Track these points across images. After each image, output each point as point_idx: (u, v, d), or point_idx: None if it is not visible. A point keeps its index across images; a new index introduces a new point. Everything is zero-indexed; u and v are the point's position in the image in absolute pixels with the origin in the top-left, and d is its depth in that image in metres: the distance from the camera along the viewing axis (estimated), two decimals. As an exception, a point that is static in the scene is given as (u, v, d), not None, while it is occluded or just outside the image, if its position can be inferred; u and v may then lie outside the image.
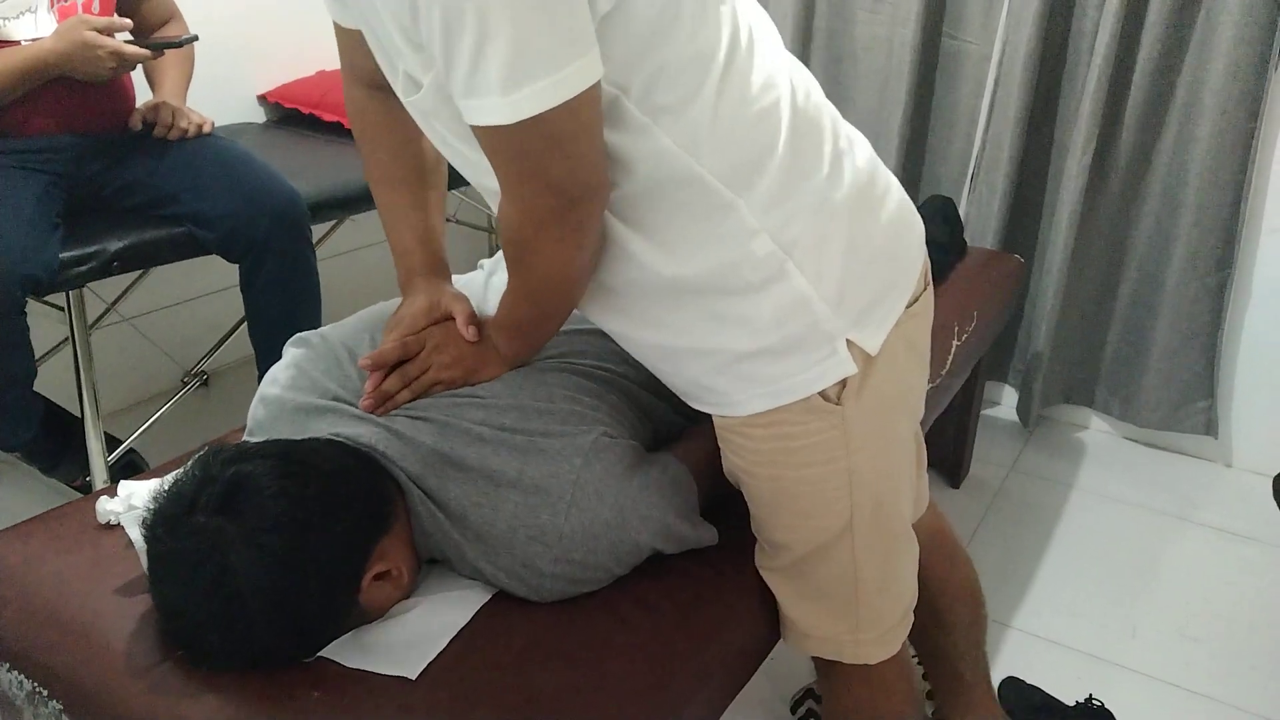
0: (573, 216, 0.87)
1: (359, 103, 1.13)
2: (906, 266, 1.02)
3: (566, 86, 0.77)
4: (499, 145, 0.83)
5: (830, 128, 0.96)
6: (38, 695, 0.97)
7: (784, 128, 0.90)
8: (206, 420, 2.40)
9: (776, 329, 0.94)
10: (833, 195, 0.93)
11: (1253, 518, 2.20)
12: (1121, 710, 1.63)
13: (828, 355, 0.95)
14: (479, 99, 0.78)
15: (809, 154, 0.92)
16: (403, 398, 1.06)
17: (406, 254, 1.15)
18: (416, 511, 1.01)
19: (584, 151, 0.83)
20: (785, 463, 1.01)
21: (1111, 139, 2.25)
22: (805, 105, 0.93)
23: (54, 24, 1.73)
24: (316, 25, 2.71)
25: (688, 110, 0.85)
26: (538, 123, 0.78)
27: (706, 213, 0.90)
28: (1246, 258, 2.25)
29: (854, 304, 0.95)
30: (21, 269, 1.59)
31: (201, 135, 1.92)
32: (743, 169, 0.89)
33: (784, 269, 0.92)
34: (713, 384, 1.00)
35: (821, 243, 0.93)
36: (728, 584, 1.10)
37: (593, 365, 1.12)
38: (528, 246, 0.91)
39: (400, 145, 1.13)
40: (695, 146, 0.87)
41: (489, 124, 0.79)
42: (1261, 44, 2.04)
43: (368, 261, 2.90)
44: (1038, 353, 2.42)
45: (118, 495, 1.14)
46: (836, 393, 0.97)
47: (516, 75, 0.75)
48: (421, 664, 0.93)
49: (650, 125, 0.85)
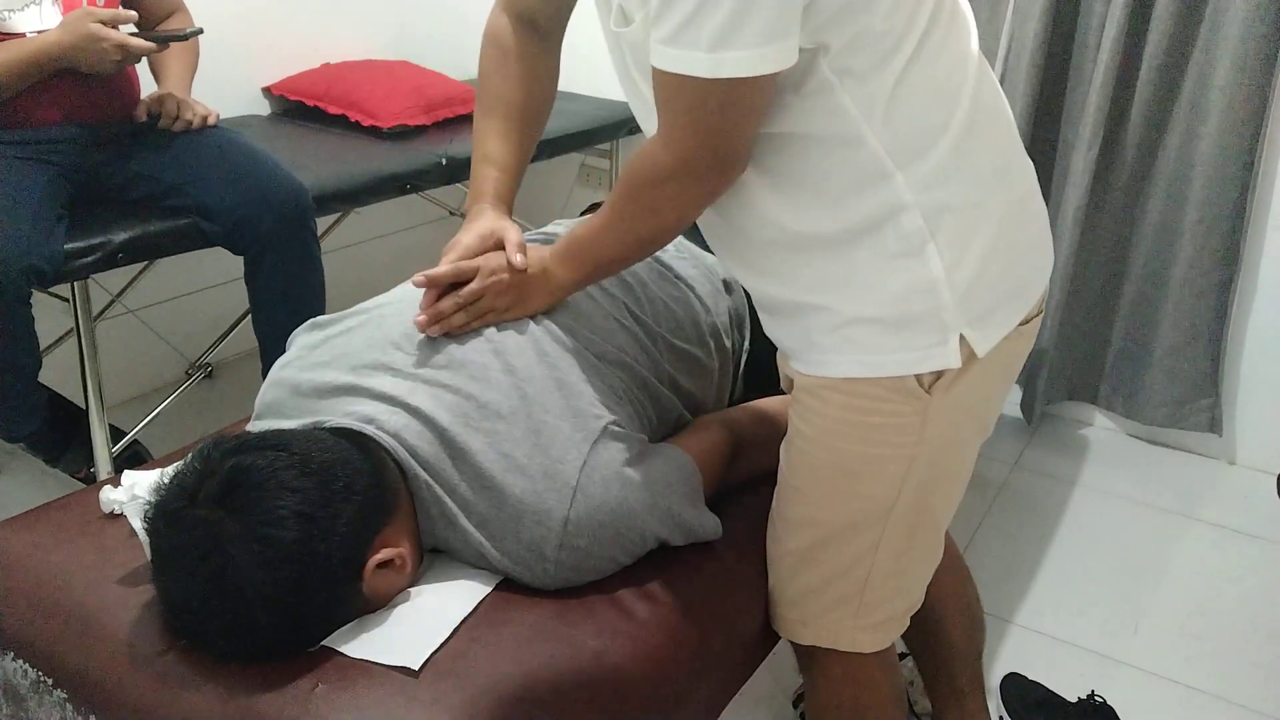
0: (713, 179, 0.94)
1: (500, 29, 1.18)
2: (1033, 286, 1.05)
3: (766, 62, 0.83)
4: (683, 95, 0.88)
5: (1006, 132, 1.00)
6: (42, 684, 0.97)
7: (960, 115, 0.93)
8: (211, 412, 2.41)
9: (899, 302, 0.96)
10: (993, 195, 0.97)
11: (1256, 515, 2.20)
12: (1123, 707, 1.63)
13: (938, 343, 0.97)
14: (684, 50, 0.84)
15: (979, 148, 0.95)
16: (457, 320, 1.07)
17: (482, 179, 1.19)
18: (421, 496, 1.01)
19: (750, 124, 0.90)
20: (855, 437, 1.02)
21: (1117, 135, 2.25)
22: (988, 102, 0.97)
23: (59, 16, 1.74)
24: (321, 18, 2.72)
25: (875, 76, 0.89)
26: (729, 85, 0.84)
27: (860, 179, 0.93)
28: (1251, 255, 2.24)
29: (978, 303, 0.97)
30: (26, 260, 1.59)
31: (206, 127, 1.92)
32: (910, 143, 0.92)
33: (925, 249, 0.94)
34: (817, 340, 1.01)
35: (968, 235, 0.95)
36: (732, 577, 1.11)
37: (606, 353, 1.12)
38: (660, 191, 0.96)
39: (519, 78, 1.17)
40: (871, 112, 0.90)
41: (686, 73, 0.85)
42: (1268, 41, 2.03)
43: (372, 254, 2.91)
44: (1042, 349, 2.42)
45: (121, 485, 1.14)
46: (930, 382, 0.98)
47: (728, 38, 0.81)
48: (424, 654, 0.93)
49: (836, 84, 0.89)
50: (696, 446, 1.13)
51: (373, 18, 2.85)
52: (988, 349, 0.99)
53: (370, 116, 2.48)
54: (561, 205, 3.22)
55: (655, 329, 1.19)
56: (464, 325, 1.08)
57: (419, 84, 2.59)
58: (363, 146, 2.39)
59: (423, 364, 1.05)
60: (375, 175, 2.22)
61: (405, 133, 2.48)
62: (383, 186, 2.23)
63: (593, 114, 2.75)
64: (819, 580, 1.10)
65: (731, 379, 1.32)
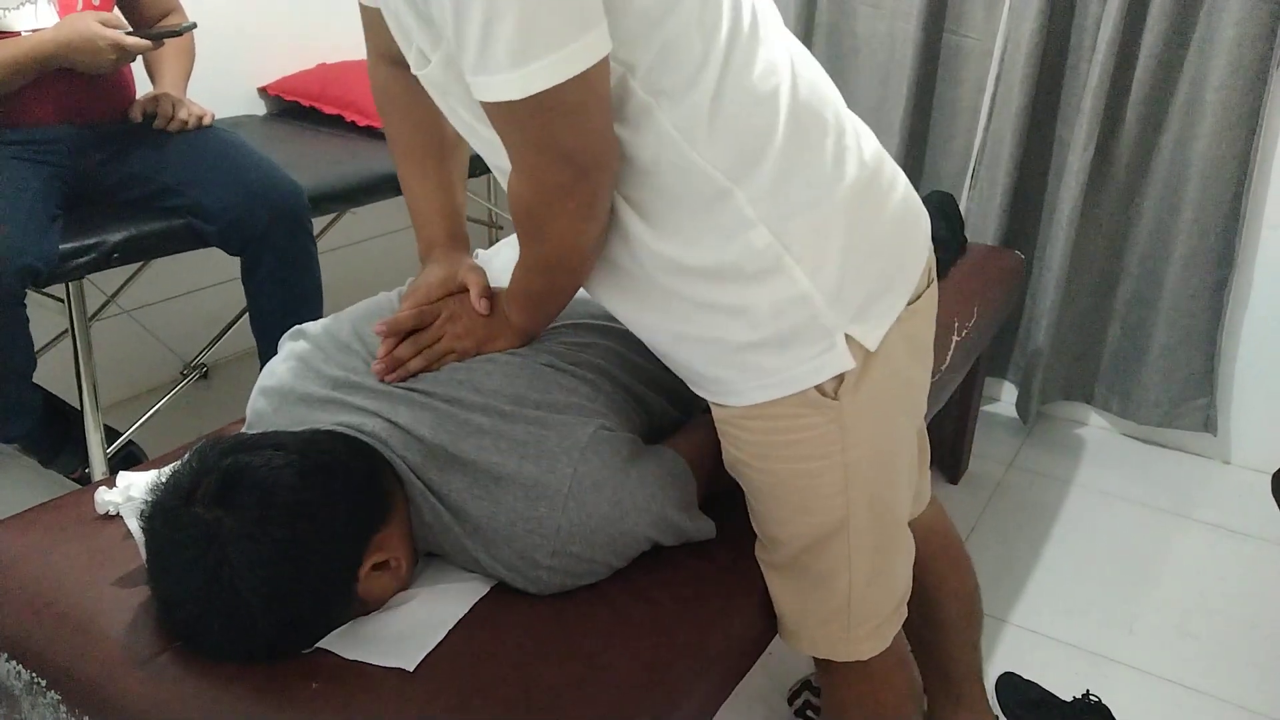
0: (584, 188, 0.88)
1: (382, 79, 1.15)
2: (909, 263, 1.01)
3: (576, 61, 0.78)
4: (510, 121, 0.84)
5: (834, 120, 0.96)
6: (36, 685, 0.97)
7: (783, 117, 0.90)
8: (206, 413, 2.40)
9: (774, 321, 0.94)
10: (834, 189, 0.93)
11: (1251, 514, 2.20)
12: (1118, 706, 1.63)
13: (825, 349, 0.95)
14: (489, 75, 0.79)
15: (810, 145, 0.92)
16: (415, 365, 1.07)
17: (427, 226, 1.18)
18: (415, 503, 1.01)
19: (595, 123, 0.84)
20: (781, 456, 1.01)
21: (1113, 135, 2.25)
22: (809, 96, 0.93)
23: (54, 15, 1.73)
24: (317, 18, 2.72)
25: (689, 94, 0.86)
26: (548, 96, 0.79)
27: (704, 201, 0.90)
28: (1247, 255, 2.25)
29: (852, 299, 0.95)
30: (21, 260, 1.59)
31: (202, 127, 1.92)
32: (740, 158, 0.89)
33: (781, 262, 0.92)
34: (713, 373, 1.00)
35: (820, 237, 0.93)
36: (726, 577, 1.11)
37: (591, 359, 1.12)
38: (539, 220, 0.92)
39: (422, 120, 1.14)
40: (693, 133, 0.87)
41: (500, 99, 0.80)
42: (1263, 41, 2.04)
43: (368, 254, 2.90)
44: (1037, 349, 2.42)
45: (116, 486, 1.14)
46: (834, 388, 0.97)
47: (525, 51, 0.76)
48: (419, 656, 0.93)
49: (653, 106, 0.86)
50: (688, 448, 1.13)
51: (369, 17, 2.85)
52: (878, 340, 0.97)
53: (366, 116, 2.47)
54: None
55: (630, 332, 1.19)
56: (420, 369, 1.07)
57: (415, 84, 2.58)
58: (359, 146, 2.38)
59: (397, 384, 1.05)
60: (371, 175, 2.22)
61: (401, 133, 2.47)
62: (379, 186, 2.22)
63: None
64: (805, 593, 1.10)
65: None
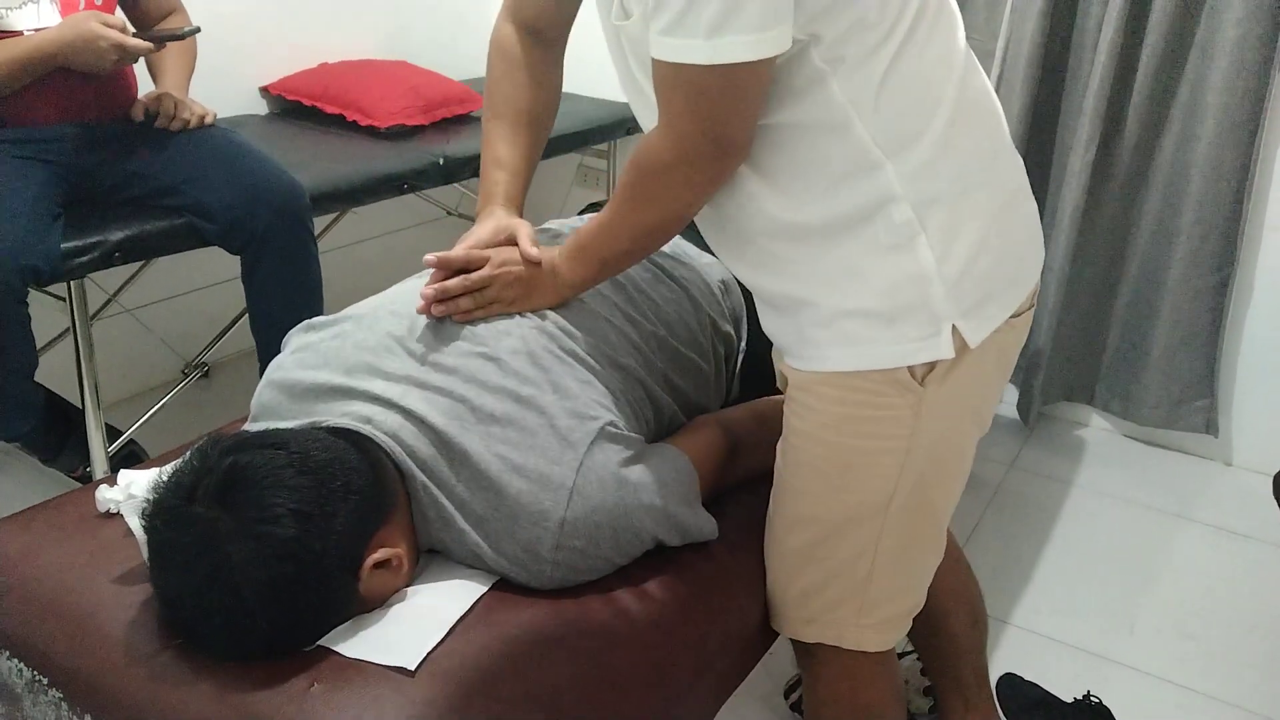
0: (714, 166, 0.95)
1: (506, 38, 1.21)
2: (1024, 277, 1.06)
3: (764, 46, 0.85)
4: (682, 84, 0.90)
5: (994, 125, 1.01)
6: (37, 683, 0.97)
7: (947, 106, 0.95)
8: (207, 412, 2.41)
9: (890, 294, 0.97)
10: (981, 187, 0.98)
11: (1252, 516, 2.20)
12: (1119, 707, 1.63)
13: (931, 334, 0.97)
14: (682, 39, 0.86)
15: (968, 141, 0.97)
16: (464, 304, 1.08)
17: (491, 182, 1.21)
18: (418, 497, 1.01)
19: (749, 110, 0.91)
20: (849, 430, 1.03)
21: (1114, 137, 2.25)
22: (977, 95, 0.99)
23: (56, 15, 1.73)
24: (319, 18, 2.72)
25: (864, 66, 0.91)
26: (726, 71, 0.86)
27: (849, 169, 0.94)
28: (1248, 256, 2.25)
29: (969, 294, 0.98)
30: (22, 259, 1.59)
31: (203, 127, 1.92)
32: (898, 134, 0.93)
33: (915, 240, 0.95)
34: (810, 335, 1.02)
35: (958, 227, 0.96)
36: (728, 576, 1.11)
37: (601, 355, 1.12)
38: (663, 180, 0.98)
39: (524, 84, 1.20)
40: (860, 102, 0.92)
41: (685, 62, 0.87)
42: (1265, 43, 2.04)
43: (370, 254, 2.90)
44: (1038, 350, 2.42)
45: (117, 484, 1.14)
46: (923, 374, 0.99)
47: (725, 24, 0.84)
48: (420, 654, 0.92)
49: (827, 74, 0.91)
50: (693, 447, 1.13)
51: (371, 18, 2.85)
52: (980, 340, 0.99)
53: (368, 116, 2.47)
54: (560, 205, 3.22)
55: (649, 329, 1.19)
56: (468, 311, 1.08)
57: (416, 84, 2.59)
58: (360, 146, 2.39)
59: (414, 368, 1.05)
60: (372, 175, 2.22)
61: (403, 132, 2.47)
62: (380, 186, 2.23)
63: (590, 114, 2.75)
64: (821, 578, 1.10)
65: (728, 380, 1.32)
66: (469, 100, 2.65)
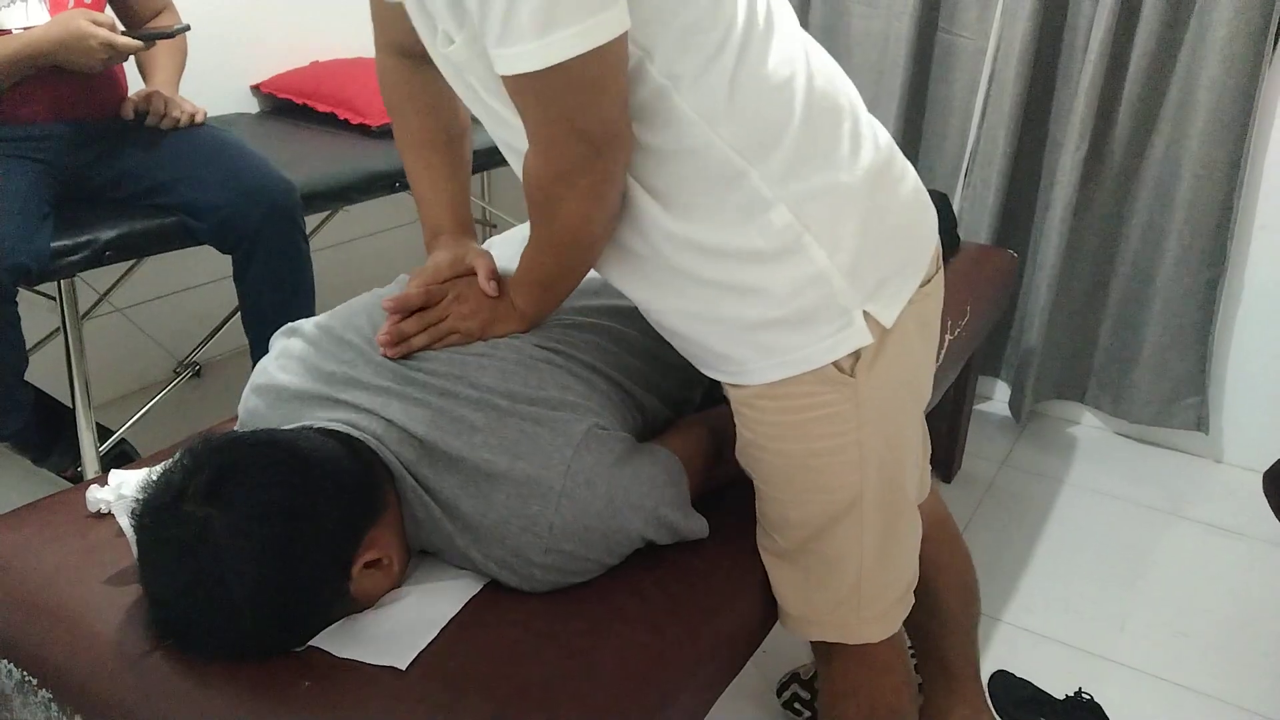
0: (598, 166, 0.90)
1: (391, 71, 1.17)
2: (920, 246, 1.05)
3: (597, 33, 0.81)
4: (529, 93, 0.86)
5: (849, 108, 0.99)
6: (27, 684, 0.96)
7: (799, 103, 0.93)
8: (198, 411, 2.40)
9: (793, 299, 0.96)
10: (851, 172, 0.96)
11: (1242, 513, 2.21)
12: (1111, 704, 1.63)
13: (844, 326, 0.98)
14: (512, 46, 0.81)
15: (826, 131, 0.96)
16: (419, 342, 1.07)
17: (433, 214, 1.19)
18: (408, 500, 1.00)
19: (610, 100, 0.87)
20: (798, 435, 1.03)
21: (1105, 135, 2.26)
22: (824, 85, 0.97)
23: (45, 13, 1.73)
24: (310, 16, 2.71)
25: (706, 78, 0.89)
26: (568, 68, 0.81)
27: (720, 181, 0.93)
28: (1238, 254, 2.26)
29: (869, 277, 0.98)
30: (12, 258, 1.58)
31: (194, 125, 1.92)
32: (757, 140, 0.92)
33: (801, 241, 0.95)
34: (730, 352, 1.02)
35: (839, 217, 0.96)
36: (719, 574, 1.11)
37: (589, 357, 1.12)
38: (553, 197, 0.94)
39: (429, 110, 1.16)
40: (711, 114, 0.90)
41: (522, 71, 0.83)
42: (1255, 40, 2.04)
43: (361, 252, 2.90)
44: (1030, 348, 2.43)
45: (108, 484, 1.14)
46: (850, 365, 0.99)
47: (548, 22, 0.79)
48: (411, 654, 0.92)
49: (670, 89, 0.89)
50: (681, 446, 1.13)
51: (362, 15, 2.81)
52: (894, 317, 1.00)
53: (359, 114, 2.47)
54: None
55: (626, 331, 1.19)
56: (424, 346, 1.08)
57: (408, 82, 2.58)
58: (351, 144, 2.38)
59: (392, 378, 1.05)
60: (364, 173, 2.22)
61: (394, 131, 2.47)
62: (371, 184, 2.22)
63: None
64: (815, 577, 1.11)
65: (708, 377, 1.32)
66: (461, 98, 2.64)
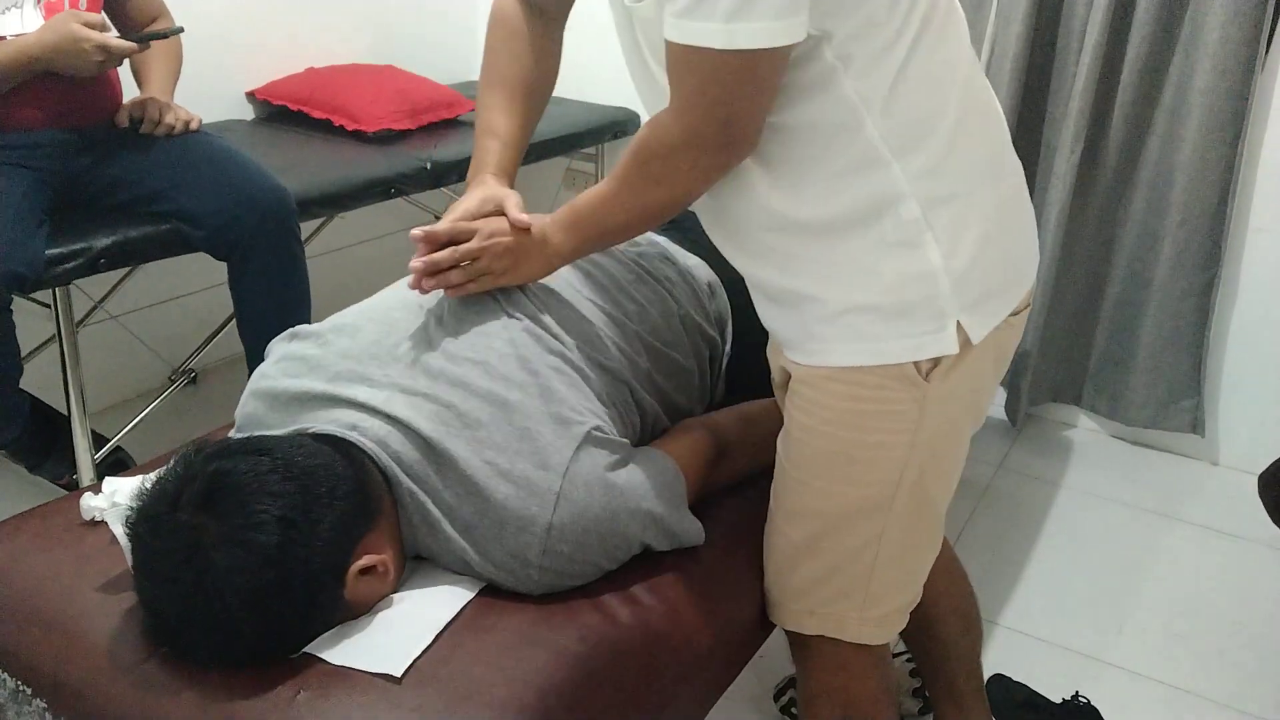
0: (721, 155, 0.95)
1: (507, 9, 1.20)
2: (1023, 275, 1.08)
3: (781, 35, 0.85)
4: (696, 67, 0.90)
5: (997, 126, 1.03)
6: (21, 693, 0.96)
7: (954, 108, 0.96)
8: (194, 418, 2.40)
9: (897, 290, 0.98)
10: (985, 186, 1.00)
11: (1238, 516, 2.21)
12: (1107, 707, 1.63)
13: (937, 330, 0.99)
14: (700, 21, 0.86)
15: (972, 141, 0.98)
16: (453, 276, 1.07)
17: (484, 150, 1.20)
18: (404, 503, 1.00)
19: (762, 100, 0.91)
20: (854, 425, 1.04)
21: (1099, 138, 2.26)
22: (980, 97, 1.00)
23: (40, 20, 1.73)
24: (305, 22, 2.72)
25: (876, 66, 0.91)
26: (743, 58, 0.86)
27: (856, 165, 0.95)
28: (1233, 257, 2.26)
29: (973, 290, 0.99)
30: (6, 265, 1.58)
31: (189, 132, 1.92)
32: (907, 134, 0.94)
33: (922, 237, 0.96)
34: (816, 330, 1.03)
35: (963, 225, 0.98)
36: (716, 579, 1.11)
37: (586, 357, 1.12)
38: (670, 163, 0.97)
39: (522, 53, 1.19)
40: (870, 101, 0.92)
41: (703, 45, 0.86)
42: (1248, 44, 2.05)
43: (356, 259, 2.90)
44: (1025, 351, 2.43)
45: (103, 492, 1.13)
46: (928, 370, 1.00)
47: (743, 10, 0.84)
48: (406, 661, 0.92)
49: (839, 70, 0.91)
50: (680, 450, 1.13)
51: (357, 22, 2.85)
52: (983, 335, 1.01)
53: (354, 121, 2.47)
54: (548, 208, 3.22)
55: (633, 330, 1.19)
56: (459, 283, 1.08)
57: (403, 88, 2.58)
58: (347, 151, 2.38)
59: (399, 374, 1.05)
60: (360, 180, 2.22)
61: (389, 137, 2.47)
62: (367, 191, 2.22)
63: (578, 118, 2.75)
64: (824, 570, 1.11)
65: (712, 381, 1.33)
66: (456, 104, 2.64)
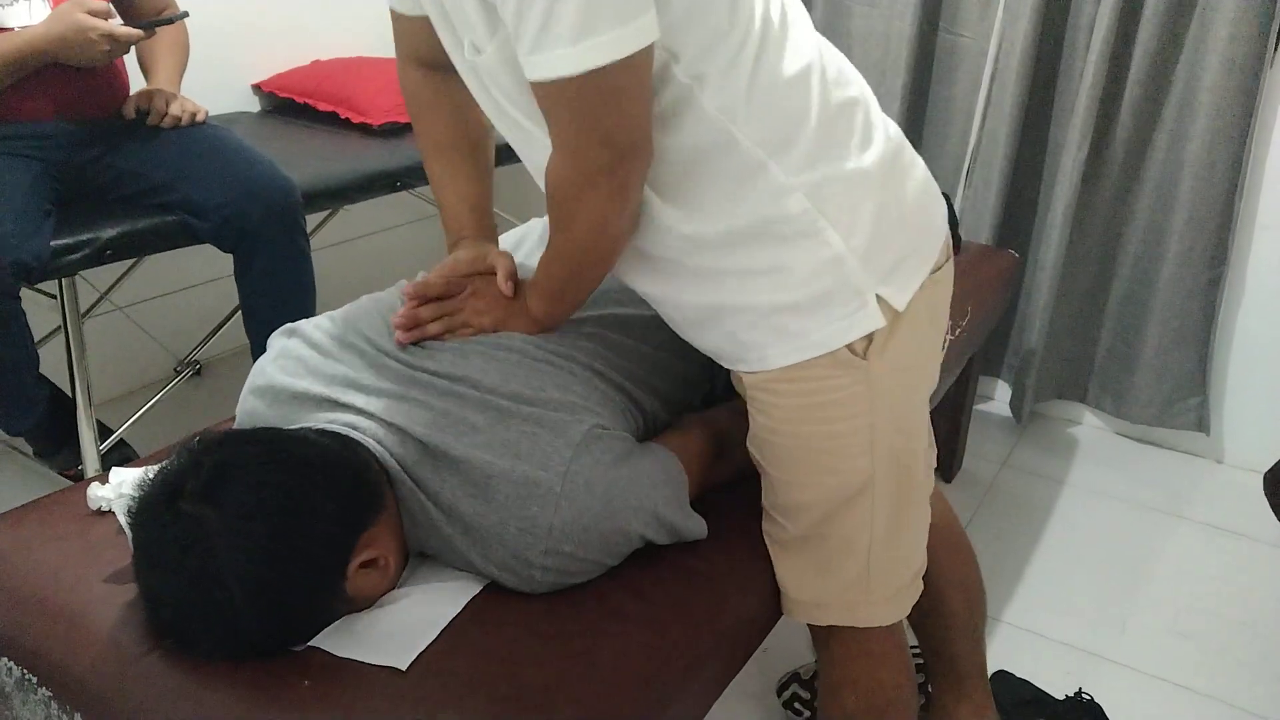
0: (620, 172, 0.93)
1: (414, 82, 1.21)
2: (931, 234, 1.08)
3: (630, 41, 0.84)
4: (559, 99, 0.89)
5: (861, 100, 1.02)
6: (27, 682, 0.97)
7: (815, 97, 0.96)
8: (199, 410, 2.40)
9: (809, 282, 0.99)
10: (865, 160, 1.00)
11: (1243, 514, 2.21)
12: (1111, 704, 1.63)
13: (857, 308, 1.00)
14: (548, 52, 0.84)
15: (841, 123, 0.99)
16: (433, 329, 1.10)
17: (456, 218, 1.21)
18: (406, 502, 1.00)
19: (636, 108, 0.90)
20: (811, 418, 1.05)
21: (1106, 135, 2.25)
22: (837, 77, 1.00)
23: (47, 11, 1.73)
24: (311, 14, 2.71)
25: (728, 78, 0.92)
26: (599, 75, 0.84)
27: (740, 175, 0.95)
28: (1240, 254, 2.25)
29: (882, 262, 1.01)
30: (13, 256, 1.58)
31: (195, 124, 1.92)
32: (777, 134, 0.95)
33: (817, 225, 0.97)
34: (747, 338, 1.04)
35: (853, 202, 0.99)
36: (719, 574, 1.11)
37: (587, 359, 1.12)
38: (574, 202, 0.96)
39: (452, 115, 1.20)
40: (733, 112, 0.93)
41: (555, 76, 0.85)
42: (1257, 40, 2.04)
43: (362, 252, 2.90)
44: (1031, 348, 2.43)
45: (109, 482, 1.14)
46: (863, 348, 1.02)
47: (586, 27, 0.82)
48: (412, 654, 0.92)
49: (694, 89, 0.91)
50: (680, 446, 1.13)
51: (363, 14, 2.85)
52: (906, 300, 1.03)
53: (361, 113, 2.47)
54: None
55: (625, 339, 1.19)
56: (437, 335, 1.10)
57: (409, 81, 2.58)
58: (353, 143, 2.38)
59: (394, 380, 1.05)
60: (365, 172, 2.22)
61: (396, 130, 2.47)
62: (373, 184, 2.22)
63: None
64: (825, 561, 1.12)
65: (708, 380, 1.32)
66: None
